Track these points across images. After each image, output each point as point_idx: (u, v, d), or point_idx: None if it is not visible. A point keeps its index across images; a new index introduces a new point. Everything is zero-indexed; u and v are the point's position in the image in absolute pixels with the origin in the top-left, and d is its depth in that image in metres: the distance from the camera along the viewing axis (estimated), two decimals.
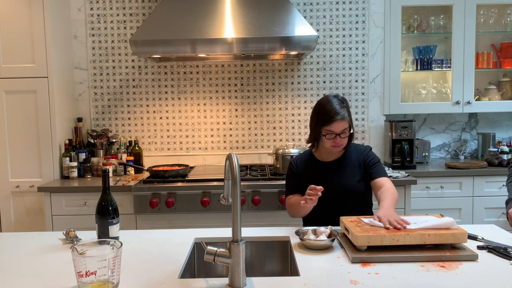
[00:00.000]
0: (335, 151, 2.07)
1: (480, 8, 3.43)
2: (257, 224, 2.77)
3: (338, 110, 1.98)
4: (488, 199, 3.20)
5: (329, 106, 2.00)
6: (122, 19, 3.52)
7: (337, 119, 1.97)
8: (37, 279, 1.41)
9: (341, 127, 1.99)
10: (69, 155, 3.21)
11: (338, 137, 1.99)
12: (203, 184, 2.91)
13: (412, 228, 1.59)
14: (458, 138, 3.72)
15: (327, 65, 3.58)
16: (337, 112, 1.98)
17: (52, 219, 2.95)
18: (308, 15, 3.53)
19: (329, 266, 1.48)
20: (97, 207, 1.63)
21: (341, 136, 2.00)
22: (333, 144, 2.02)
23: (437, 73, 3.56)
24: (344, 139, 2.02)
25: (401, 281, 1.35)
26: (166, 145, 3.61)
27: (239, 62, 3.56)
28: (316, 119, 2.05)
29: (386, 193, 1.89)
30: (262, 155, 3.58)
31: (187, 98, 3.58)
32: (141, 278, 1.41)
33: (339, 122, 1.98)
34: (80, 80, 3.56)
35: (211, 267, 1.78)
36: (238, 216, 1.34)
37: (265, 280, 1.39)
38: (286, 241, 1.81)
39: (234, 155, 1.37)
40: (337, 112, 1.97)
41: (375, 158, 2.11)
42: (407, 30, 3.50)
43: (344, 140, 2.02)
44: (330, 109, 1.99)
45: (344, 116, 1.99)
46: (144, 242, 1.78)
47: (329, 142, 2.02)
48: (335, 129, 1.98)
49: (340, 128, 1.99)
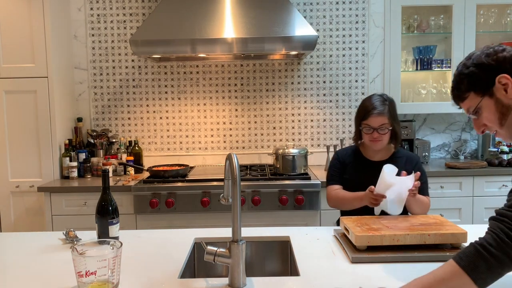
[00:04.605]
0: (374, 147, 2.07)
1: (480, 8, 3.43)
2: (257, 224, 2.77)
3: (376, 105, 2.02)
4: (488, 199, 3.19)
5: (369, 101, 2.06)
6: (122, 19, 3.52)
7: (374, 113, 2.01)
8: (37, 279, 1.41)
9: (379, 122, 2.01)
10: (69, 155, 3.21)
11: (375, 132, 2.01)
12: (203, 184, 2.91)
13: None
14: (458, 138, 3.72)
15: (327, 65, 3.58)
16: (374, 106, 2.02)
17: (52, 219, 2.95)
18: (308, 15, 3.53)
19: (329, 266, 1.48)
20: (97, 207, 1.63)
21: (379, 131, 2.01)
22: (370, 138, 2.04)
23: (437, 73, 3.56)
24: (384, 136, 2.03)
25: (401, 281, 1.35)
26: (166, 145, 3.61)
27: (239, 62, 3.56)
28: (357, 114, 2.11)
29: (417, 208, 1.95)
30: (262, 155, 3.58)
31: (187, 98, 3.58)
32: (141, 278, 1.41)
33: (376, 116, 2.01)
34: (80, 80, 3.56)
35: (211, 267, 1.78)
36: (238, 216, 1.34)
37: (265, 280, 1.39)
38: (286, 241, 1.81)
39: (234, 155, 1.37)
40: (375, 107, 2.01)
41: (425, 173, 2.07)
42: (407, 30, 3.50)
43: (383, 136, 2.03)
44: (368, 104, 2.05)
45: (382, 111, 2.01)
46: (144, 242, 1.78)
47: (367, 136, 2.05)
48: (372, 123, 2.01)
49: (377, 123, 2.01)
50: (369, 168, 2.09)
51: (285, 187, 2.86)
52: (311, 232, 1.86)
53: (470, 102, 1.25)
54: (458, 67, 1.28)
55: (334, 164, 2.20)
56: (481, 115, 1.23)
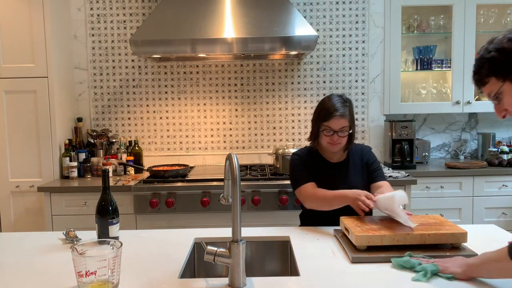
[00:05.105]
0: (331, 149, 2.05)
1: (480, 8, 3.43)
2: (257, 224, 2.77)
3: (338, 107, 1.99)
4: (488, 199, 3.19)
5: (330, 103, 2.02)
6: (122, 19, 3.52)
7: (336, 115, 1.98)
8: (37, 279, 1.41)
9: (340, 124, 1.99)
10: (69, 155, 3.21)
11: (336, 134, 1.99)
12: (203, 184, 2.91)
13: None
14: (458, 138, 3.72)
15: (327, 65, 3.58)
16: (336, 108, 1.99)
17: (52, 219, 2.95)
18: (308, 15, 3.53)
19: (329, 266, 1.48)
20: (97, 207, 1.63)
21: (339, 134, 1.99)
22: (330, 141, 2.01)
23: (437, 73, 3.56)
24: (342, 138, 2.01)
25: (401, 281, 1.35)
26: (166, 145, 3.61)
27: (239, 62, 3.56)
28: (317, 114, 2.07)
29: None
30: (262, 155, 3.58)
31: (187, 98, 3.58)
32: (141, 278, 1.41)
33: (338, 119, 1.98)
34: (80, 80, 3.56)
35: (211, 267, 1.78)
36: (238, 216, 1.34)
37: (265, 280, 1.39)
38: (286, 241, 1.81)
39: (234, 155, 1.37)
40: (337, 109, 1.98)
41: (376, 160, 2.13)
42: (407, 30, 3.50)
43: (342, 139, 2.01)
44: (330, 106, 2.01)
45: (343, 114, 1.99)
46: (144, 242, 1.78)
47: (326, 138, 2.01)
48: (333, 125, 1.99)
49: (338, 125, 1.99)
50: (329, 170, 2.09)
51: (285, 187, 2.86)
52: (311, 232, 1.86)
53: (491, 87, 1.23)
54: (479, 50, 1.25)
55: (298, 165, 2.10)
56: (502, 100, 1.22)
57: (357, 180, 2.06)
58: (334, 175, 2.07)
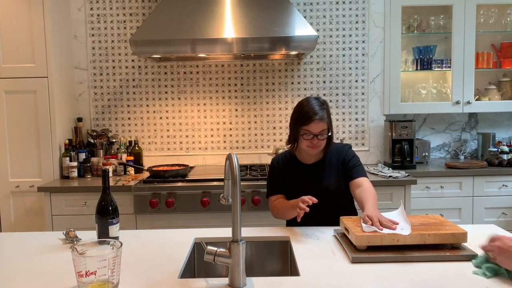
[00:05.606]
0: (311, 152, 2.05)
1: (480, 8, 3.43)
2: (257, 224, 2.76)
3: (317, 110, 1.98)
4: (488, 199, 3.20)
5: (309, 106, 2.00)
6: (122, 19, 3.52)
7: (315, 119, 1.96)
8: (37, 279, 1.41)
9: (319, 128, 1.98)
10: (69, 155, 3.21)
11: (315, 138, 1.99)
12: (203, 184, 2.91)
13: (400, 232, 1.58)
14: (458, 138, 3.72)
15: (327, 65, 3.58)
16: (315, 112, 1.97)
17: (52, 219, 2.95)
18: (308, 15, 3.53)
19: (329, 266, 1.48)
20: (97, 207, 1.63)
21: (319, 137, 1.99)
22: (310, 144, 2.00)
23: (437, 73, 3.56)
24: (322, 141, 2.01)
25: (401, 281, 1.35)
26: (166, 145, 3.61)
27: (239, 62, 3.56)
28: (295, 118, 2.04)
29: (367, 194, 1.90)
30: (262, 155, 3.58)
31: (187, 98, 3.58)
32: (141, 278, 1.41)
33: (318, 122, 1.97)
34: (80, 80, 3.56)
35: (211, 267, 1.78)
36: (238, 216, 1.34)
37: (265, 280, 1.39)
38: (286, 241, 1.81)
39: (234, 155, 1.37)
40: (316, 112, 1.97)
41: (354, 157, 2.10)
42: (407, 30, 3.50)
43: (321, 142, 2.01)
44: (309, 109, 1.99)
45: (322, 117, 1.98)
46: (144, 242, 1.78)
47: (306, 142, 2.01)
48: (312, 129, 1.98)
49: (318, 129, 1.98)
50: (306, 172, 2.10)
51: None
52: (311, 232, 1.86)
53: None
54: None
55: (272, 175, 2.15)
56: None
57: (330, 181, 2.06)
58: (309, 177, 2.08)
